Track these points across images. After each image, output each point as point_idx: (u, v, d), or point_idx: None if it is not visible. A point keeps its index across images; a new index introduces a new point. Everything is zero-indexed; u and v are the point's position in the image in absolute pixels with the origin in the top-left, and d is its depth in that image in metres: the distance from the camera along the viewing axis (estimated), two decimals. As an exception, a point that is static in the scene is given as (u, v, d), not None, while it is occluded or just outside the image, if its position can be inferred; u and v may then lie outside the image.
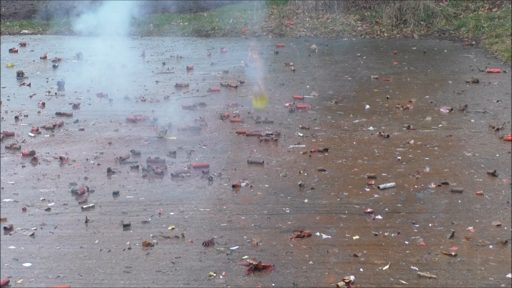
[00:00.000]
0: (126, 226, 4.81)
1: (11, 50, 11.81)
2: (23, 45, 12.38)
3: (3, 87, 9.08)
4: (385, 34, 13.07)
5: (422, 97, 8.40)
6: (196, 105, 8.08)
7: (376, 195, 5.37)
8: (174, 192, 5.49)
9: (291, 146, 6.60)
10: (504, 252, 4.42)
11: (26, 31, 13.92)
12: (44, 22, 14.42)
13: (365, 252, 4.44)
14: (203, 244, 4.54)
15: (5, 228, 4.80)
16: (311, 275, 4.15)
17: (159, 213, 5.05)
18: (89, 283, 4.08)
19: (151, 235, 4.70)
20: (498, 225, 4.80)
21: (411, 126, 7.13)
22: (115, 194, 5.43)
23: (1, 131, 6.98)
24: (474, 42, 11.98)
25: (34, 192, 5.50)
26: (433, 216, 4.97)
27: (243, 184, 5.61)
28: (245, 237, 4.66)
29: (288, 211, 5.10)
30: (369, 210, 5.06)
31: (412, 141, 6.66)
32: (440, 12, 13.39)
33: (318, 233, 4.70)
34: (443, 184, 5.56)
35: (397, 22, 13.40)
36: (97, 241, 4.63)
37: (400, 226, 4.81)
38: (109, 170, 5.92)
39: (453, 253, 4.39)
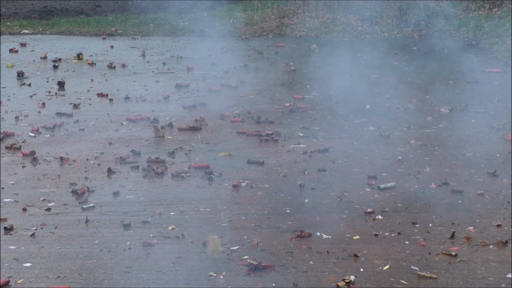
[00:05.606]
0: (126, 226, 4.82)
1: (11, 50, 11.80)
2: (23, 45, 12.37)
3: (3, 87, 9.08)
4: (385, 34, 13.07)
5: (422, 97, 8.40)
6: (196, 105, 8.08)
7: (376, 195, 5.37)
8: (174, 192, 5.49)
9: (291, 146, 6.60)
10: (504, 252, 4.42)
11: (26, 31, 13.92)
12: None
13: (365, 252, 4.44)
14: (203, 244, 4.54)
15: (5, 228, 4.79)
16: (311, 275, 4.15)
17: (159, 213, 5.05)
18: (89, 283, 4.08)
19: (151, 235, 4.70)
20: (499, 225, 4.80)
21: (411, 126, 7.13)
22: (115, 194, 5.42)
23: (1, 131, 6.98)
24: (474, 42, 11.97)
25: (34, 192, 5.50)
26: (433, 216, 4.97)
27: (243, 184, 5.61)
28: (245, 237, 4.66)
29: (288, 211, 5.10)
30: (369, 210, 5.05)
31: (412, 141, 6.66)
32: (441, 12, 13.38)
33: (318, 233, 4.70)
34: (443, 184, 5.56)
35: (397, 22, 13.40)
36: (97, 241, 4.62)
37: (400, 226, 4.81)
38: (109, 170, 5.92)
39: (453, 253, 4.39)
